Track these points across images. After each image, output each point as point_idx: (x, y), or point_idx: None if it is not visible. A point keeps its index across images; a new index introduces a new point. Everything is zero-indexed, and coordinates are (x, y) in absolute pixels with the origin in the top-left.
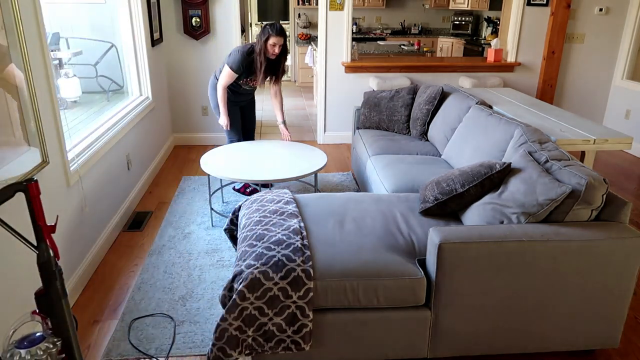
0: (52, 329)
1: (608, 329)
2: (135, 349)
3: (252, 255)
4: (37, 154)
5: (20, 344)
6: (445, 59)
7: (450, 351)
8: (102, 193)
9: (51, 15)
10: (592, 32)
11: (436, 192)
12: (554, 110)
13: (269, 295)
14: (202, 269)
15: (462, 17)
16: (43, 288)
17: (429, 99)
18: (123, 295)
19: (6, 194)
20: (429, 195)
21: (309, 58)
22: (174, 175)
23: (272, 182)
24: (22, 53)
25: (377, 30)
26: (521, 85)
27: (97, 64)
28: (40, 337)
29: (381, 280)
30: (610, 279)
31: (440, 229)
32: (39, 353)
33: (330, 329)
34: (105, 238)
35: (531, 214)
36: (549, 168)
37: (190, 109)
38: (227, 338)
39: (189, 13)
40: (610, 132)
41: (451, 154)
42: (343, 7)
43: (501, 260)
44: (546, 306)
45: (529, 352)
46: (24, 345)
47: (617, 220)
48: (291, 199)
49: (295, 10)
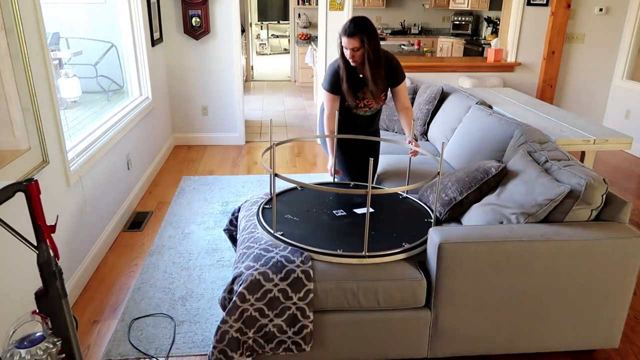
0: (52, 329)
1: (608, 329)
2: (135, 349)
3: (251, 257)
4: (37, 154)
5: (21, 344)
6: (445, 59)
7: (450, 351)
8: (102, 193)
9: (51, 15)
10: (592, 32)
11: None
12: (554, 110)
13: (269, 296)
14: (202, 269)
15: (462, 17)
16: (43, 288)
17: (429, 99)
18: (123, 295)
19: (6, 194)
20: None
21: (309, 58)
22: (174, 175)
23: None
24: (22, 53)
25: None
26: (521, 85)
27: (97, 64)
28: (40, 337)
29: (381, 283)
30: (610, 279)
31: (440, 229)
32: (39, 353)
33: (331, 330)
34: (105, 238)
35: (530, 214)
36: (549, 168)
37: (190, 109)
38: (228, 340)
39: (189, 13)
40: (610, 132)
41: (451, 154)
42: (343, 7)
43: (501, 260)
44: (546, 306)
45: (529, 352)
46: (24, 345)
47: (617, 220)
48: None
49: (295, 10)
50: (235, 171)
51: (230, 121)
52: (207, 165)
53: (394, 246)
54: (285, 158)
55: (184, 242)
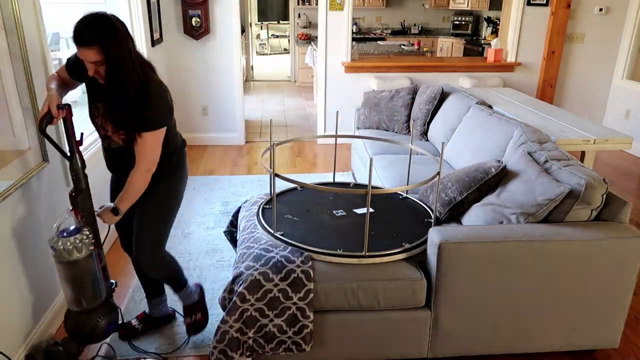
0: (83, 220)
1: (608, 329)
2: (136, 349)
3: (251, 257)
4: (37, 154)
5: (61, 234)
6: (445, 59)
7: (450, 351)
8: (102, 193)
9: (51, 15)
10: (592, 32)
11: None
12: (554, 110)
13: (269, 296)
14: (202, 269)
15: (462, 17)
16: (74, 190)
17: (429, 99)
18: (123, 296)
19: (48, 120)
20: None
21: (309, 58)
22: None
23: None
24: (22, 53)
25: (377, 30)
26: (521, 85)
27: None
28: (76, 229)
29: (381, 282)
30: (610, 279)
31: (440, 229)
32: (76, 241)
33: (331, 330)
34: None
35: (530, 214)
36: (549, 168)
37: (190, 109)
38: (228, 340)
39: (189, 13)
40: (610, 132)
41: (451, 154)
42: (343, 7)
43: (501, 260)
44: (546, 306)
45: (529, 352)
46: (65, 235)
47: (617, 220)
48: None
49: (295, 10)
50: (235, 171)
51: (230, 121)
52: (207, 165)
53: (394, 246)
54: (285, 158)
55: (184, 242)
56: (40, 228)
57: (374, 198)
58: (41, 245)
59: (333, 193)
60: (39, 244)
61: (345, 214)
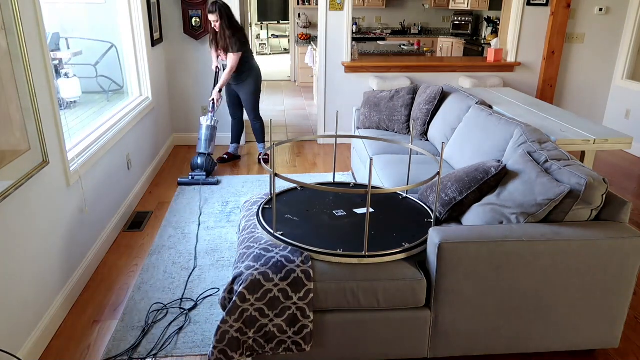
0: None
1: (608, 329)
2: (136, 348)
3: (251, 257)
4: (37, 154)
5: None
6: (445, 59)
7: (450, 351)
8: (102, 193)
9: (51, 15)
10: (592, 32)
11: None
12: (554, 110)
13: (269, 296)
14: (202, 269)
15: (462, 17)
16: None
17: (429, 99)
18: (123, 295)
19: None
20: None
21: (309, 58)
22: (174, 175)
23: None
24: (22, 53)
25: (377, 30)
26: (521, 85)
27: (97, 64)
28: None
29: (381, 282)
30: (610, 279)
31: (440, 229)
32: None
33: (331, 330)
34: (106, 238)
35: (530, 214)
36: (549, 168)
37: (190, 109)
38: (228, 340)
39: (189, 13)
40: (610, 132)
41: (451, 154)
42: (343, 7)
43: (501, 260)
44: (546, 306)
45: (529, 352)
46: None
47: (617, 220)
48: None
49: (295, 10)
50: (235, 171)
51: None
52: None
53: (394, 246)
54: (285, 158)
55: (184, 242)
56: (40, 228)
57: (373, 198)
58: (41, 245)
59: (333, 193)
60: (39, 244)
61: (345, 214)
